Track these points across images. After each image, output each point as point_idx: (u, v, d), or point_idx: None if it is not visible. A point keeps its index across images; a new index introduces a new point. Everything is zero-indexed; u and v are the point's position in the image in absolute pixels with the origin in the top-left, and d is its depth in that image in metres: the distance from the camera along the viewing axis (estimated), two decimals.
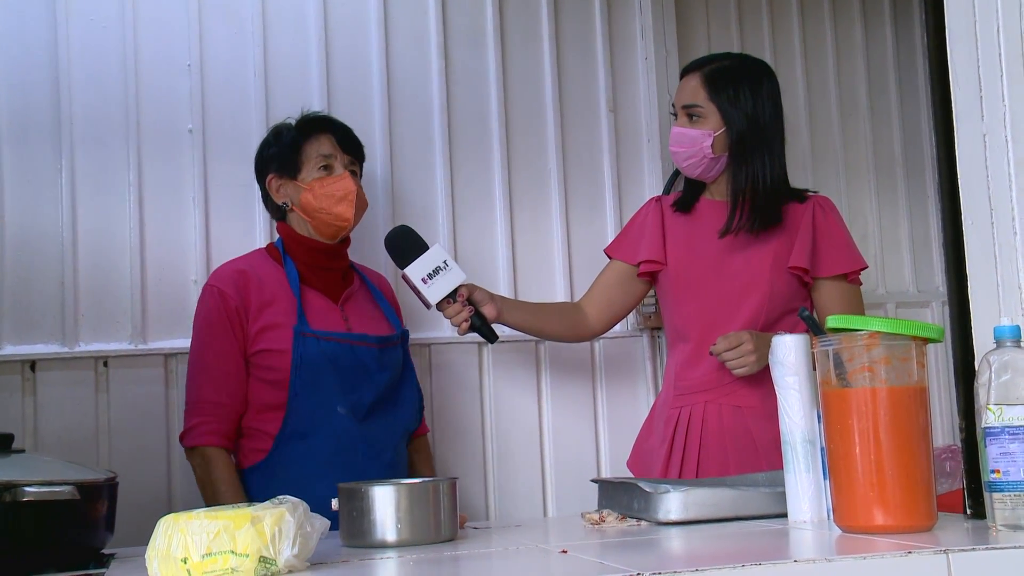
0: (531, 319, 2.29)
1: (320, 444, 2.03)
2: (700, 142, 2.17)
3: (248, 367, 2.06)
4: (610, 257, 2.37)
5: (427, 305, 2.09)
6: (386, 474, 2.03)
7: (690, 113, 2.19)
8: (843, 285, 2.19)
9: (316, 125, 2.17)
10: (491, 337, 2.13)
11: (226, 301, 2.05)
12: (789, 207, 2.20)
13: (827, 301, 2.18)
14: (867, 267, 2.22)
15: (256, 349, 2.05)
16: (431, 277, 2.06)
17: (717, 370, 2.14)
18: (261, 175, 2.20)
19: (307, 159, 2.14)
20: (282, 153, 2.15)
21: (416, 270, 2.05)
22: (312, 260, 2.15)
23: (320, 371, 2.04)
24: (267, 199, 2.21)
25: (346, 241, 2.22)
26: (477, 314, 2.11)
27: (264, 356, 2.05)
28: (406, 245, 2.08)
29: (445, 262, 2.07)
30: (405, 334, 2.24)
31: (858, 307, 2.21)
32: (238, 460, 2.08)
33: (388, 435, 2.13)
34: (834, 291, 2.18)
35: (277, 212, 2.20)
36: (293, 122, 2.20)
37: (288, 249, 2.15)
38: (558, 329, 2.34)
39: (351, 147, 2.19)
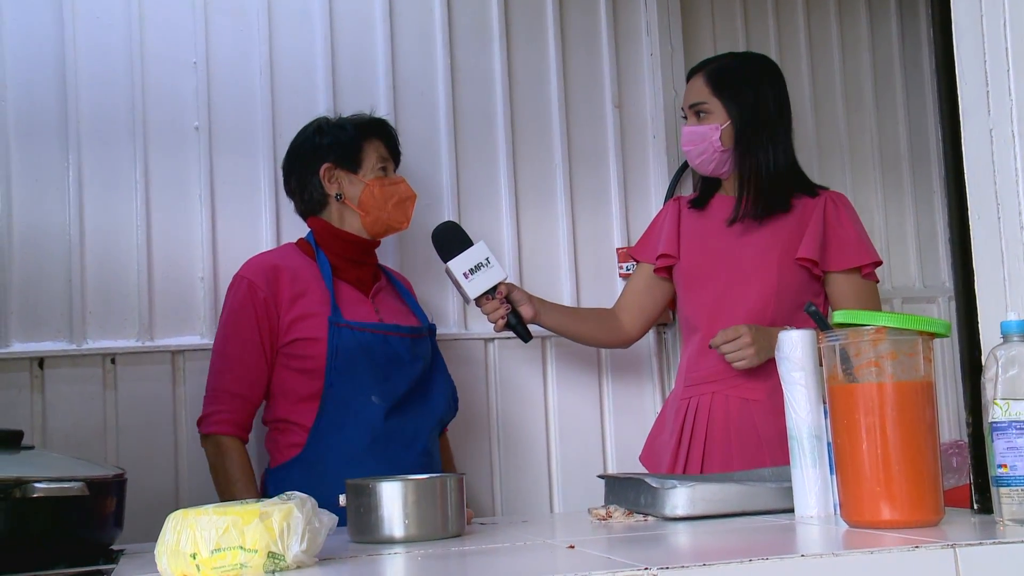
0: (567, 322, 2.34)
1: (355, 435, 2.05)
2: (708, 136, 2.21)
3: (280, 357, 2.08)
4: (637, 261, 2.42)
5: (466, 300, 2.18)
6: (420, 463, 2.06)
7: (697, 111, 2.25)
8: (856, 280, 2.18)
9: (376, 128, 2.23)
10: (525, 336, 2.20)
11: (255, 293, 2.07)
12: (801, 201, 2.22)
13: (840, 296, 2.18)
14: (881, 262, 2.22)
15: (290, 339, 2.07)
16: (472, 272, 2.13)
17: (725, 362, 2.15)
18: (310, 163, 2.19)
19: (367, 157, 2.19)
20: (341, 145, 2.18)
21: (459, 264, 2.13)
22: (346, 253, 2.18)
23: (355, 361, 2.06)
24: (306, 188, 2.20)
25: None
26: (514, 312, 2.18)
27: (298, 345, 2.06)
28: (451, 240, 2.16)
29: (488, 259, 2.15)
30: (433, 327, 2.27)
31: (872, 303, 2.20)
32: (273, 456, 2.10)
33: (422, 425, 2.15)
34: (847, 285, 2.18)
35: (314, 204, 2.20)
36: (331, 117, 2.24)
37: (321, 242, 2.17)
38: (594, 333, 2.39)
39: (398, 155, 2.28)
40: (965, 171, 1.47)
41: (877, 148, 3.06)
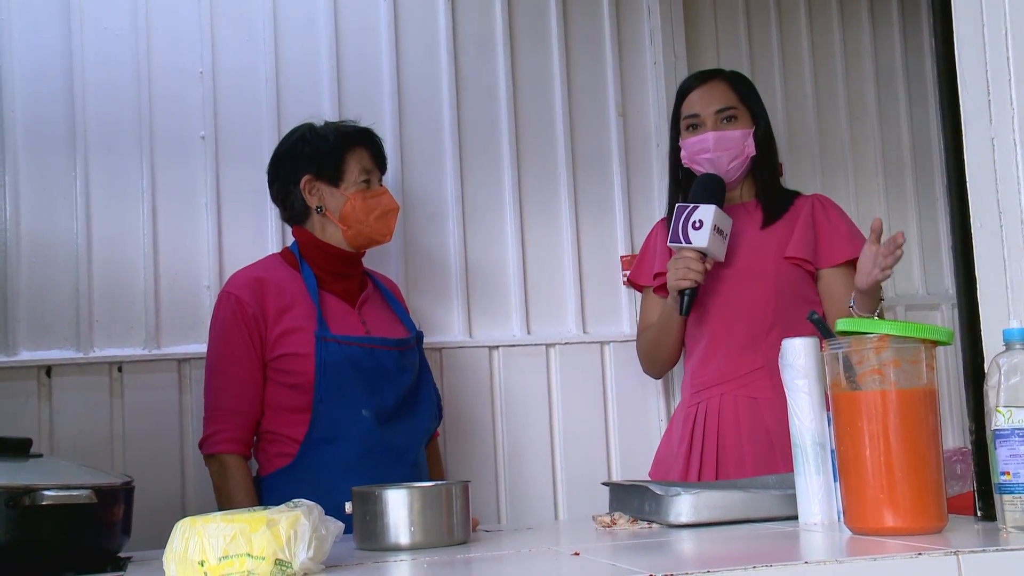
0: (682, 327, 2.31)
1: (346, 448, 2.04)
2: (743, 141, 2.24)
3: (267, 372, 2.07)
4: (637, 287, 2.43)
5: (684, 240, 2.09)
6: (410, 476, 2.05)
7: (728, 116, 2.24)
8: (848, 272, 2.19)
9: (360, 137, 2.19)
10: (689, 310, 2.14)
11: (243, 308, 2.06)
12: (791, 203, 2.28)
13: (833, 289, 2.20)
14: None
15: (276, 354, 2.06)
16: (719, 233, 2.10)
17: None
18: (292, 173, 2.17)
19: (349, 169, 2.15)
20: (322, 157, 2.14)
21: (718, 216, 2.09)
22: (331, 265, 2.16)
23: (343, 375, 2.05)
24: (288, 198, 2.18)
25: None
26: (697, 288, 2.13)
27: (285, 360, 2.06)
28: (717, 194, 2.14)
29: (727, 235, 2.12)
30: (420, 335, 2.26)
31: None
32: (262, 464, 2.09)
33: (411, 437, 2.14)
34: (839, 278, 2.20)
35: (296, 214, 2.19)
36: (317, 123, 2.21)
37: (305, 254, 2.16)
38: (678, 350, 2.35)
39: (383, 164, 2.24)
40: (967, 179, 1.48)
41: (880, 156, 3.07)
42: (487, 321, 2.59)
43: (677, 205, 2.14)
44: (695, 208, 2.09)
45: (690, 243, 2.09)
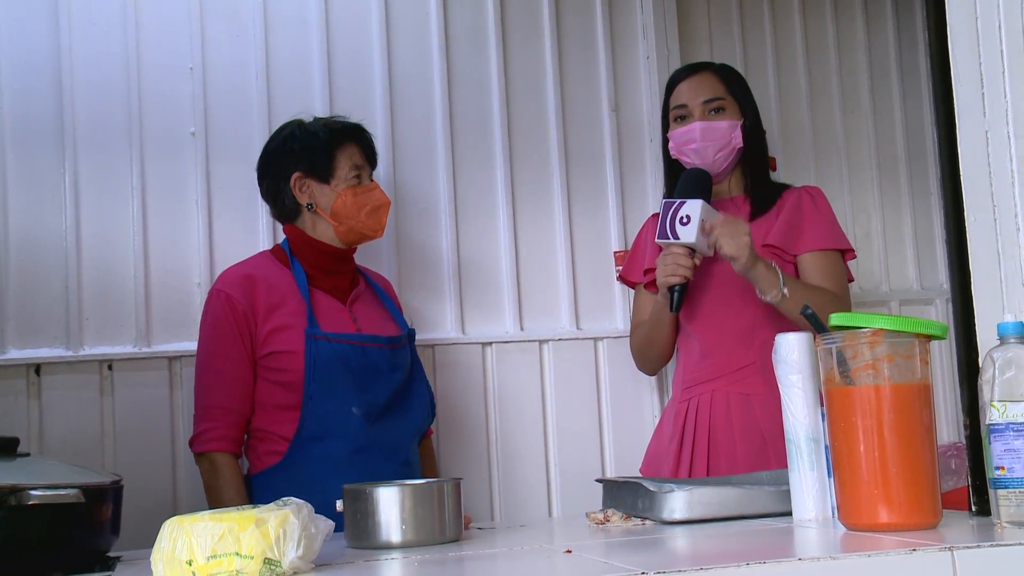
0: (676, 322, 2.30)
1: (336, 445, 2.03)
2: (730, 133, 2.22)
3: (257, 369, 2.06)
4: (628, 284, 2.43)
5: (672, 236, 2.07)
6: (401, 473, 2.03)
7: (715, 107, 2.24)
8: (825, 259, 2.17)
9: (350, 133, 2.18)
10: (679, 306, 2.12)
11: (233, 305, 2.05)
12: (780, 197, 2.27)
13: (806, 277, 2.17)
14: (853, 250, 2.23)
15: (267, 351, 2.05)
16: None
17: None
18: (281, 170, 2.15)
19: (339, 166, 2.14)
20: (313, 154, 2.13)
21: (706, 210, 2.06)
22: (322, 262, 2.15)
23: (333, 373, 2.04)
24: (278, 196, 2.17)
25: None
26: (687, 284, 2.11)
27: (275, 358, 2.05)
28: (704, 188, 2.12)
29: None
30: (412, 333, 2.25)
31: (836, 274, 2.18)
32: (252, 463, 2.09)
33: (402, 434, 2.13)
34: (812, 261, 2.18)
35: (286, 211, 2.18)
36: (307, 119, 2.19)
37: (296, 251, 2.15)
38: (672, 342, 2.34)
39: (374, 159, 2.23)
40: (961, 173, 1.47)
41: (874, 150, 3.06)
42: (480, 317, 2.59)
43: (664, 200, 2.13)
44: (682, 203, 2.08)
45: (678, 239, 2.08)
